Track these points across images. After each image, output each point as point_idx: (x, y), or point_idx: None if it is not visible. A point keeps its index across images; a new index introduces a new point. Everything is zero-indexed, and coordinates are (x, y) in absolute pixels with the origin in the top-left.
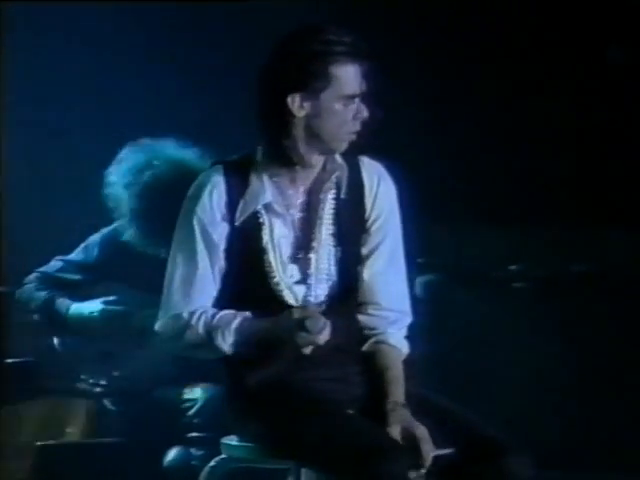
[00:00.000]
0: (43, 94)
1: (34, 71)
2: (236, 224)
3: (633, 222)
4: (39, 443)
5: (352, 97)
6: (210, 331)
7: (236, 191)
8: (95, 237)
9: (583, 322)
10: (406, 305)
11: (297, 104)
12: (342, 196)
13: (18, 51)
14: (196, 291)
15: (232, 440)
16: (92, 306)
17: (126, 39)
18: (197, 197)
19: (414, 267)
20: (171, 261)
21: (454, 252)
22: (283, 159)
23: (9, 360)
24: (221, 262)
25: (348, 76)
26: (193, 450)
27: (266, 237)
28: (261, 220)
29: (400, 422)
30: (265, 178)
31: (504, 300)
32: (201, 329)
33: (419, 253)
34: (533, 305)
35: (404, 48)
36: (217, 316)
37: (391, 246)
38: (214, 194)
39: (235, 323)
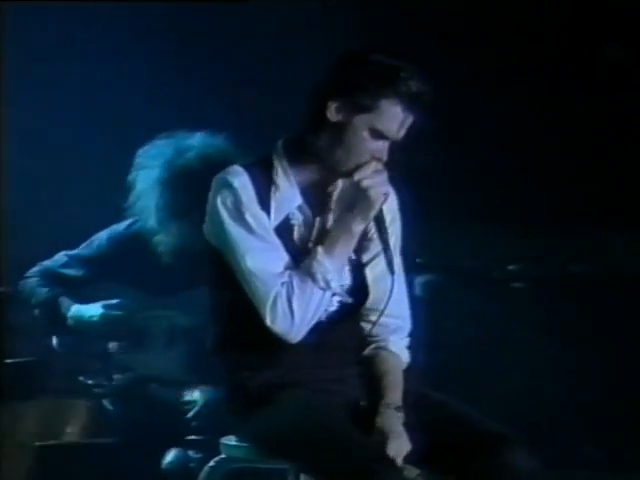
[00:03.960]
0: (45, 92)
1: (38, 70)
2: (272, 225)
3: (633, 222)
4: (38, 443)
5: (383, 135)
6: (309, 270)
7: (264, 191)
8: (103, 233)
9: (582, 322)
10: (405, 311)
11: (334, 108)
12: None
13: (24, 48)
14: (278, 265)
15: (231, 440)
16: (92, 309)
17: (136, 34)
18: (234, 193)
19: (413, 268)
20: (239, 257)
21: (454, 252)
22: (307, 156)
23: (9, 360)
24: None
25: (391, 115)
26: (191, 452)
27: (297, 238)
28: (293, 221)
29: (381, 427)
30: (292, 178)
31: (503, 300)
32: (301, 282)
33: (419, 253)
34: (532, 305)
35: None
36: (303, 263)
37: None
38: (250, 191)
39: (319, 249)
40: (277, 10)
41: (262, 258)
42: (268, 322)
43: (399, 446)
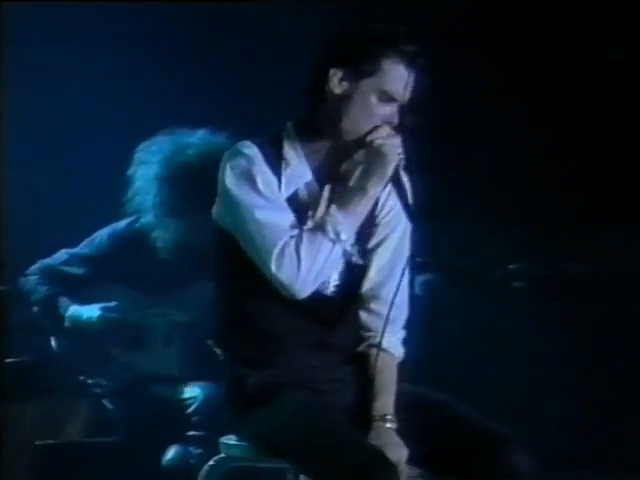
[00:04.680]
0: (45, 89)
1: (38, 70)
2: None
3: (633, 222)
4: (38, 442)
5: (391, 98)
6: (320, 223)
7: (275, 166)
8: (103, 231)
9: (582, 321)
10: (405, 302)
11: (337, 79)
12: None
13: (25, 48)
14: (287, 220)
15: (231, 439)
16: (90, 311)
17: (141, 31)
18: (247, 159)
19: (414, 268)
20: (248, 212)
21: (453, 251)
22: (316, 134)
23: (9, 360)
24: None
25: (396, 75)
26: (192, 448)
27: (305, 214)
28: (302, 197)
29: (376, 442)
30: (302, 155)
31: (503, 299)
32: (310, 233)
33: (419, 253)
34: (532, 304)
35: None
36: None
37: (397, 241)
38: (261, 161)
39: (332, 206)
40: (278, 9)
41: (272, 213)
42: (273, 269)
43: (397, 456)
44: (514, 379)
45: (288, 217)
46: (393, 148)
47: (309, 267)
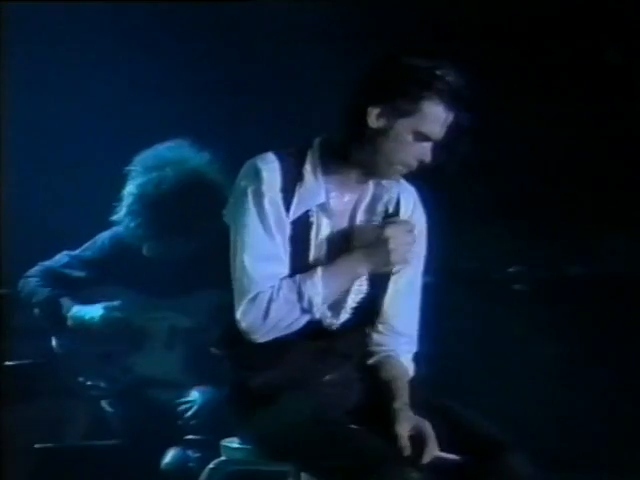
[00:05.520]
0: (46, 93)
1: (38, 70)
2: (290, 218)
3: (633, 223)
4: (38, 445)
5: (427, 138)
6: (300, 287)
7: (290, 183)
8: (105, 234)
9: (583, 323)
10: (414, 332)
11: (374, 115)
12: (380, 215)
13: (22, 50)
14: (273, 267)
15: (232, 442)
16: (93, 311)
17: (133, 40)
18: (259, 179)
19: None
20: (240, 245)
21: (453, 254)
22: (342, 158)
23: (9, 362)
24: (286, 244)
25: (434, 117)
26: (190, 452)
27: (313, 237)
28: (312, 219)
29: (409, 421)
30: (320, 176)
31: (503, 302)
32: (288, 292)
33: None
34: (532, 307)
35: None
36: (298, 275)
37: (412, 272)
38: (276, 180)
39: (319, 271)
40: (274, 10)
41: (261, 255)
42: (238, 315)
43: (431, 429)
44: (514, 381)
45: (277, 258)
46: (404, 257)
47: (274, 325)
